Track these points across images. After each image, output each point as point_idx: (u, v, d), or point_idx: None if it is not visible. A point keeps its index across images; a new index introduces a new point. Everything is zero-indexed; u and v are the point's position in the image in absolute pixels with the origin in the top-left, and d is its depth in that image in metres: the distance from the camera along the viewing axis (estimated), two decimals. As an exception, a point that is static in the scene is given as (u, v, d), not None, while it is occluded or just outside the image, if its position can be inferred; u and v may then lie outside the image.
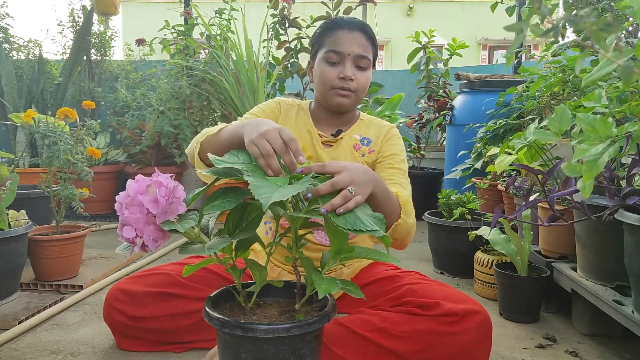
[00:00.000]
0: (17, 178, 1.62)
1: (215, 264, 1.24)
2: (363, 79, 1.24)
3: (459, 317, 1.05)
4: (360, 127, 1.34)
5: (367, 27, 1.26)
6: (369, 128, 1.34)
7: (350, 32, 1.22)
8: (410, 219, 1.10)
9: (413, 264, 2.14)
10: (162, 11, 3.41)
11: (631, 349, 1.33)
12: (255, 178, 0.78)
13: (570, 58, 1.78)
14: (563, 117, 1.08)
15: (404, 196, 1.12)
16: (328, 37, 1.24)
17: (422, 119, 3.44)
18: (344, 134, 1.31)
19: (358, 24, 1.25)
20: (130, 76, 3.70)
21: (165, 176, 0.79)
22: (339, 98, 1.24)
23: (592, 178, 0.83)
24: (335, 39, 1.22)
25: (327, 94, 1.25)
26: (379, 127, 1.35)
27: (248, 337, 0.79)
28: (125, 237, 0.77)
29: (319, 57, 1.26)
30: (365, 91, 1.27)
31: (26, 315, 1.44)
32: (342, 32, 1.22)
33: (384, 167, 1.27)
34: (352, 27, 1.23)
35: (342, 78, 1.21)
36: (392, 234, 1.08)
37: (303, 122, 1.32)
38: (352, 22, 1.24)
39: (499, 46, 12.32)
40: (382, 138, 1.32)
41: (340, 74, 1.21)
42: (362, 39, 1.23)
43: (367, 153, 1.30)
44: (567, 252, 1.54)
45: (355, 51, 1.21)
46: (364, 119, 1.37)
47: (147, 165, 3.24)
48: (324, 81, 1.23)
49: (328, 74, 1.22)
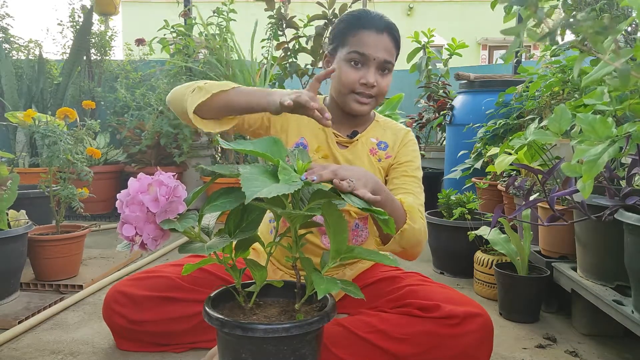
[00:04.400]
0: (17, 178, 1.62)
1: (215, 266, 1.24)
2: (384, 84, 1.17)
3: (459, 319, 1.05)
4: (376, 130, 1.28)
5: (395, 28, 1.18)
6: (385, 131, 1.29)
7: (378, 35, 1.14)
8: (416, 224, 1.06)
9: (413, 264, 2.14)
10: (162, 11, 3.41)
11: (631, 349, 1.33)
12: (251, 171, 0.77)
13: (569, 58, 1.78)
14: (563, 117, 1.08)
15: (408, 202, 1.09)
16: (353, 35, 1.15)
17: (422, 119, 3.44)
18: (360, 135, 1.26)
19: (386, 24, 1.16)
20: (130, 76, 3.70)
21: (167, 175, 0.79)
22: (357, 105, 1.17)
23: (592, 178, 0.83)
24: (360, 39, 1.14)
25: (345, 97, 1.18)
26: (396, 130, 1.29)
27: (248, 337, 0.79)
28: (125, 235, 0.77)
29: (340, 55, 1.17)
30: (384, 96, 1.20)
31: (26, 315, 1.44)
32: (368, 34, 1.14)
33: (399, 173, 1.23)
34: (380, 29, 1.14)
35: (363, 84, 1.14)
36: (399, 242, 1.05)
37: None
38: (380, 21, 1.15)
39: (499, 46, 12.31)
40: (399, 143, 1.27)
41: (363, 79, 1.14)
42: (389, 43, 1.15)
43: (383, 158, 1.25)
44: (567, 252, 1.54)
45: (382, 56, 1.14)
46: (379, 120, 1.31)
47: (146, 165, 3.25)
48: (344, 84, 1.16)
49: (349, 77, 1.15)
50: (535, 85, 1.87)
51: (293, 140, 1.25)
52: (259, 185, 0.73)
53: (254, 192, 0.70)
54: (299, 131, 1.26)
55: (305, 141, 1.25)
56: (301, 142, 1.25)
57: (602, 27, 0.50)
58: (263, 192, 0.71)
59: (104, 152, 3.34)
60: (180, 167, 3.31)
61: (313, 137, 1.25)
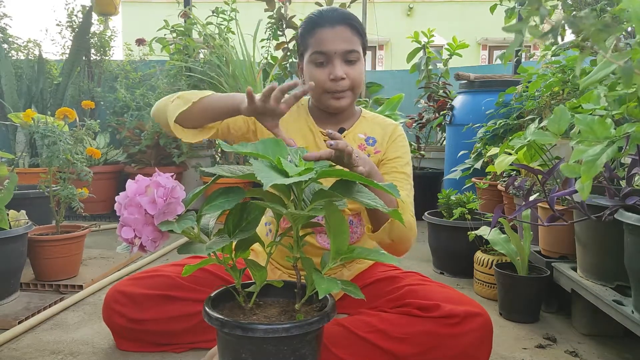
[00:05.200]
0: (15, 177, 1.62)
1: (215, 266, 1.24)
2: (355, 73, 1.17)
3: (459, 319, 1.05)
4: (363, 125, 1.28)
5: (351, 16, 1.17)
6: (373, 127, 1.28)
7: (333, 29, 1.14)
8: (405, 215, 1.07)
9: (413, 264, 2.14)
10: (162, 11, 3.41)
11: (631, 349, 1.33)
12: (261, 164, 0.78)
13: (570, 58, 1.78)
14: (562, 118, 1.08)
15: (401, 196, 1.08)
16: (311, 36, 1.16)
17: (422, 119, 3.44)
18: (347, 132, 1.26)
19: (339, 16, 1.16)
20: (129, 76, 3.70)
21: (165, 176, 0.79)
22: (334, 102, 1.18)
23: (591, 179, 0.82)
24: (318, 38, 1.15)
25: (320, 97, 1.20)
26: (384, 126, 1.29)
27: (248, 337, 0.79)
28: (124, 237, 0.77)
29: (306, 59, 1.19)
30: (360, 85, 1.20)
31: (26, 315, 1.44)
32: (323, 31, 1.14)
33: (388, 169, 1.23)
34: (333, 22, 1.14)
35: (333, 80, 1.15)
36: (389, 233, 1.07)
37: (304, 121, 1.28)
38: (334, 14, 1.16)
39: (499, 46, 12.30)
40: (387, 138, 1.27)
41: (331, 74, 1.15)
42: (347, 33, 1.15)
43: (372, 154, 1.25)
44: (567, 252, 1.54)
45: (342, 48, 1.14)
46: (366, 116, 1.31)
47: (146, 165, 3.24)
48: (315, 85, 1.15)
49: (318, 77, 1.16)
50: (535, 85, 1.87)
51: None
52: (272, 175, 0.74)
53: (271, 181, 0.71)
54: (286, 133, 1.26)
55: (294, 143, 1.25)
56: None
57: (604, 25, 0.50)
58: (280, 180, 0.72)
59: (104, 152, 3.34)
60: (180, 167, 3.31)
61: (301, 138, 1.26)
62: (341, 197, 0.82)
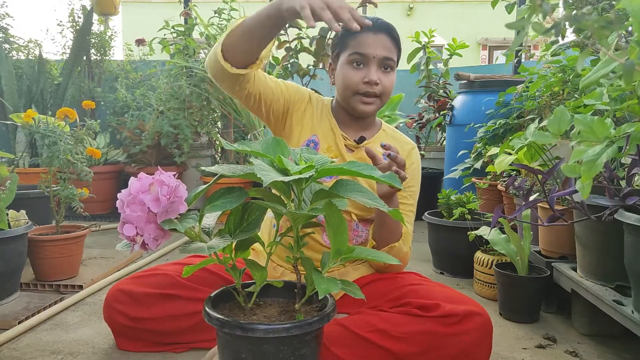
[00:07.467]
0: (16, 178, 1.62)
1: (215, 265, 1.24)
2: (388, 82, 1.20)
3: (459, 318, 1.05)
4: (382, 138, 1.31)
5: (392, 28, 1.22)
6: (391, 142, 1.28)
7: (375, 35, 1.18)
8: (404, 247, 1.20)
9: (413, 264, 2.14)
10: (162, 11, 3.41)
11: (631, 349, 1.33)
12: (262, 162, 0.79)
13: (570, 58, 1.78)
14: (562, 119, 1.08)
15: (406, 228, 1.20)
16: (351, 38, 1.19)
17: (422, 119, 3.44)
18: (367, 142, 1.28)
19: (383, 25, 1.20)
20: (130, 76, 3.70)
21: (168, 175, 0.79)
22: (363, 105, 1.21)
23: (591, 179, 0.82)
24: (359, 41, 1.18)
25: (350, 99, 1.21)
26: (402, 144, 1.31)
27: (248, 337, 0.79)
28: (126, 235, 0.77)
29: (342, 59, 1.21)
30: (389, 95, 1.23)
31: (26, 315, 1.44)
32: (366, 35, 1.17)
33: (400, 197, 1.26)
34: (377, 29, 1.18)
35: (367, 82, 1.18)
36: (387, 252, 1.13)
37: (327, 120, 1.29)
38: (377, 23, 1.19)
39: (499, 46, 12.31)
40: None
41: (365, 77, 1.17)
42: (387, 42, 1.19)
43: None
44: (567, 252, 1.54)
45: (381, 54, 1.18)
46: (386, 129, 1.34)
47: (147, 165, 3.24)
48: (348, 85, 1.19)
49: (352, 78, 1.18)
50: (535, 85, 1.87)
51: (306, 134, 1.27)
52: (272, 174, 0.75)
53: (270, 178, 0.72)
54: (312, 127, 1.28)
55: (317, 139, 1.27)
56: (313, 138, 1.26)
57: (607, 22, 0.50)
58: (279, 178, 0.73)
59: (104, 152, 3.34)
60: (181, 167, 3.31)
61: (324, 137, 1.27)
62: (341, 197, 0.82)
